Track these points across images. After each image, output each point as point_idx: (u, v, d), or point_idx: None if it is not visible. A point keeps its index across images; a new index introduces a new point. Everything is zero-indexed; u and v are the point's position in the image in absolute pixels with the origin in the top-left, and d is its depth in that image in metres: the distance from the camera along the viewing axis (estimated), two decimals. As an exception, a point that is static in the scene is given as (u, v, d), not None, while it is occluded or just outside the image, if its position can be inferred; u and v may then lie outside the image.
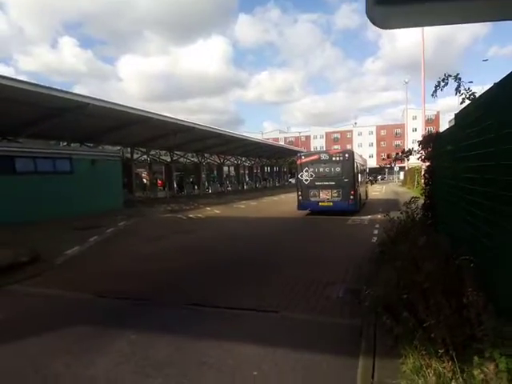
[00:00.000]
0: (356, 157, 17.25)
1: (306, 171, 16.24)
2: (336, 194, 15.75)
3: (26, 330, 4.44)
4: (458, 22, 0.91)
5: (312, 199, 16.11)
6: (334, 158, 16.11)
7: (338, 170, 15.88)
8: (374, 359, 3.39)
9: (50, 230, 12.35)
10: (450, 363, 2.84)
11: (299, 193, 16.55)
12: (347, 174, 15.77)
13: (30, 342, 4.14)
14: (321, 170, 16.14)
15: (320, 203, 16.01)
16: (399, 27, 0.94)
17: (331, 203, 15.82)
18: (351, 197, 15.67)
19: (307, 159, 16.57)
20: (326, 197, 15.91)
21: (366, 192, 21.99)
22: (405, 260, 4.54)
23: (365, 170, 22.29)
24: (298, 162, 16.87)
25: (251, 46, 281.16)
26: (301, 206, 16.66)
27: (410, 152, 6.94)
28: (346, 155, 16.16)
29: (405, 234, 6.52)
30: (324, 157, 16.35)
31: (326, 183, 15.92)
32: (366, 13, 0.86)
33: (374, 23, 0.88)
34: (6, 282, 6.51)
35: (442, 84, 4.63)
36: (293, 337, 4.12)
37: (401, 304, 3.69)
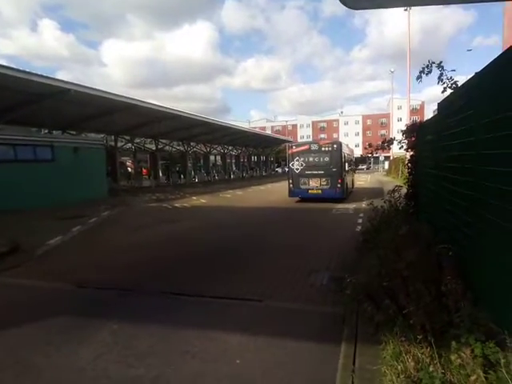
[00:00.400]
0: (343, 147, 18.01)
1: (297, 160, 17.07)
2: (325, 183, 16.59)
3: (6, 321, 4.35)
4: (427, 4, 0.90)
5: (302, 187, 17.01)
6: (323, 149, 16.94)
7: (327, 159, 16.73)
8: (356, 346, 3.44)
9: (32, 219, 12.09)
10: (428, 349, 2.91)
11: (290, 181, 17.35)
12: (335, 163, 16.60)
13: (10, 332, 4.06)
14: (310, 159, 16.96)
15: (309, 191, 16.92)
16: (369, 7, 0.92)
17: (320, 191, 16.72)
18: (339, 185, 16.53)
19: (298, 149, 17.41)
20: (315, 185, 16.77)
21: (353, 181, 22.74)
22: (387, 248, 4.61)
23: (351, 160, 23.17)
24: (290, 152, 17.50)
25: (238, 32, 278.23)
26: (291, 194, 17.47)
27: (391, 141, 6.98)
28: (335, 146, 16.98)
29: (388, 222, 6.61)
30: (314, 147, 17.17)
31: (316, 172, 16.75)
32: None
33: (344, 3, 0.86)
34: (-15, 273, 6.36)
35: (426, 70, 4.63)
36: (276, 325, 4.15)
37: (382, 292, 3.75)
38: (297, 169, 17.06)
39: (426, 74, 4.67)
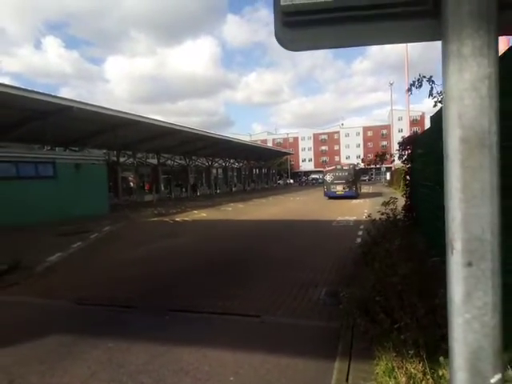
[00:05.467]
0: (357, 167, 30.59)
1: (329, 175, 28.75)
2: (346, 187, 27.34)
3: (1, 339, 4.35)
4: (360, 44, 0.96)
5: (332, 190, 28.40)
6: (344, 168, 29.60)
7: (347, 174, 28.21)
8: (350, 361, 3.42)
9: (33, 235, 12.15)
10: (420, 364, 2.89)
11: (325, 187, 29.29)
12: (352, 176, 27.79)
13: (5, 351, 4.06)
14: (337, 174, 28.45)
15: (337, 192, 27.99)
16: (306, 49, 0.97)
17: (343, 192, 27.60)
18: (354, 189, 27.93)
19: (329, 168, 29.69)
20: (340, 189, 27.85)
21: (360, 188, 33.23)
22: (382, 262, 4.61)
23: (361, 174, 33.58)
24: (324, 170, 30.29)
25: (240, 47, 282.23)
26: (326, 194, 28.72)
27: (384, 156, 7.07)
28: (351, 166, 30.12)
29: (386, 234, 6.61)
30: (339, 167, 29.94)
31: (340, 181, 27.78)
32: (275, 35, 0.88)
33: (282, 45, 0.91)
34: (-17, 291, 6.38)
35: (417, 84, 4.72)
36: (272, 341, 4.13)
37: (377, 306, 3.74)
38: (329, 180, 28.58)
39: (417, 88, 4.75)
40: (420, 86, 4.59)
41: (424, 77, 4.67)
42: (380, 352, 3.20)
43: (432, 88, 4.55)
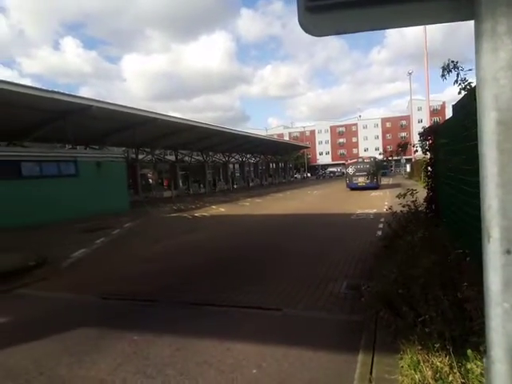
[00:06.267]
0: (377, 159, 32.76)
1: (351, 168, 30.53)
2: (367, 179, 29.28)
3: (31, 333, 4.51)
4: (386, 27, 0.92)
5: (354, 182, 30.14)
6: (365, 160, 31.57)
7: (368, 166, 30.02)
8: (373, 355, 3.39)
9: (57, 232, 12.51)
10: (447, 357, 2.83)
11: (347, 179, 31.22)
12: (372, 168, 29.71)
13: (35, 344, 4.20)
14: (359, 166, 30.31)
15: (358, 184, 29.63)
16: (330, 34, 0.94)
17: (364, 183, 29.40)
18: (375, 180, 29.70)
19: (351, 162, 31.75)
20: (361, 180, 29.61)
21: (380, 179, 34.82)
22: (404, 254, 4.53)
23: (381, 166, 35.51)
24: (346, 163, 32.43)
25: (254, 40, 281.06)
26: (348, 186, 30.48)
27: (405, 146, 6.90)
28: (372, 159, 32.47)
29: (407, 227, 6.49)
30: (360, 160, 31.97)
31: (362, 173, 29.75)
32: (299, 20, 0.86)
33: (305, 30, 0.89)
34: (13, 286, 6.61)
35: (448, 69, 4.55)
36: (294, 334, 4.13)
37: (400, 299, 3.69)
38: (351, 172, 30.41)
39: (448, 73, 4.59)
40: (450, 71, 4.42)
41: (453, 61, 4.51)
42: (404, 345, 3.16)
43: (458, 74, 4.40)
